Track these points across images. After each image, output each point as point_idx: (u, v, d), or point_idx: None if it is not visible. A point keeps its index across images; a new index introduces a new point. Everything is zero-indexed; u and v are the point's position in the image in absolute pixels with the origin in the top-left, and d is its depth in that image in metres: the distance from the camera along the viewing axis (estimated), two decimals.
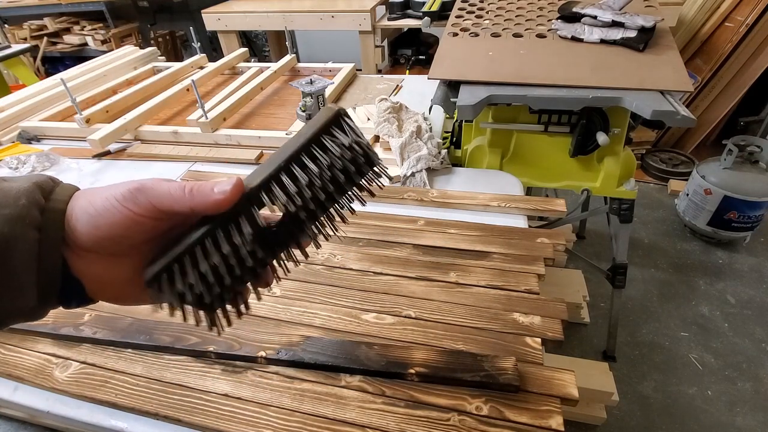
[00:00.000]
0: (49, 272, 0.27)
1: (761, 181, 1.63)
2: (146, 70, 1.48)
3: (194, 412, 0.47)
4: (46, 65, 3.24)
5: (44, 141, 1.13)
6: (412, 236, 0.71)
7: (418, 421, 0.45)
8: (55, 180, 0.29)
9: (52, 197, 0.28)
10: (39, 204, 0.27)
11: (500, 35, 1.02)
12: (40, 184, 0.28)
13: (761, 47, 1.94)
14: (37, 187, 0.27)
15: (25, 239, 0.25)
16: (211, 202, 0.28)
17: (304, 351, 0.52)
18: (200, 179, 0.89)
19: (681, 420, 1.25)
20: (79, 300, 0.30)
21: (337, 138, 0.30)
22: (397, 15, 2.26)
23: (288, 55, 1.43)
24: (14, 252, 0.25)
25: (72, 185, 0.30)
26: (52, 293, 0.28)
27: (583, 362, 1.24)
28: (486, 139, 0.96)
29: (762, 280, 1.67)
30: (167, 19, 3.14)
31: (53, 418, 0.52)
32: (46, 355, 0.55)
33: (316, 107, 0.92)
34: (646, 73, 0.83)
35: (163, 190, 0.28)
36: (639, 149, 2.30)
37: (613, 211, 1.13)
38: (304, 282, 0.64)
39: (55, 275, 0.27)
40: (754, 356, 1.41)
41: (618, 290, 1.30)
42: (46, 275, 0.27)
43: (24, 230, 0.25)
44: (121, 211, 0.27)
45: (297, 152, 0.29)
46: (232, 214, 0.28)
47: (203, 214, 0.29)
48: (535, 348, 0.52)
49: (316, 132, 0.29)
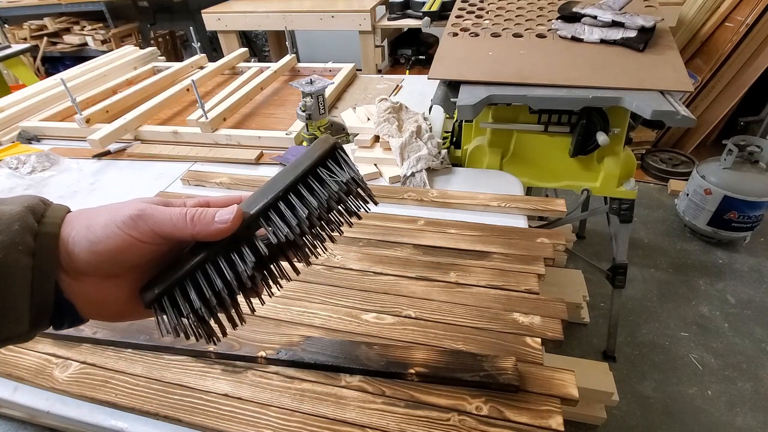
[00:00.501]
0: (42, 298, 0.27)
1: (761, 181, 1.63)
2: (146, 70, 1.48)
3: (194, 412, 0.47)
4: (46, 65, 3.25)
5: (44, 141, 1.14)
6: (412, 236, 0.71)
7: (418, 421, 0.45)
8: (45, 201, 0.29)
9: (44, 220, 0.27)
10: (32, 229, 0.26)
11: (500, 35, 1.02)
12: (31, 207, 0.27)
13: (761, 47, 1.94)
14: (29, 211, 0.27)
15: (18, 266, 0.25)
16: (213, 231, 0.29)
17: (304, 351, 0.52)
18: (200, 179, 0.90)
19: (681, 420, 1.25)
20: (71, 321, 0.30)
21: (332, 170, 0.32)
22: (397, 15, 2.26)
23: (288, 55, 1.43)
24: (8, 279, 0.25)
25: (63, 206, 0.30)
26: (44, 317, 0.28)
27: (583, 362, 1.24)
28: (486, 139, 0.96)
29: (762, 280, 1.67)
30: (167, 19, 3.14)
31: (53, 418, 0.52)
32: (46, 355, 0.55)
33: (316, 107, 0.93)
34: (646, 73, 0.83)
35: (164, 217, 0.29)
36: (639, 149, 2.30)
37: (613, 211, 1.13)
38: (304, 282, 0.64)
39: (49, 300, 0.27)
40: (754, 356, 1.41)
41: (618, 290, 1.30)
42: (39, 301, 0.27)
43: (17, 257, 0.25)
44: (122, 237, 0.28)
45: (294, 182, 0.31)
46: (232, 240, 0.30)
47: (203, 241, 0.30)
48: (535, 348, 0.52)
49: (312, 164, 0.31)
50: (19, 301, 0.26)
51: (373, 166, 0.91)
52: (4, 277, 0.25)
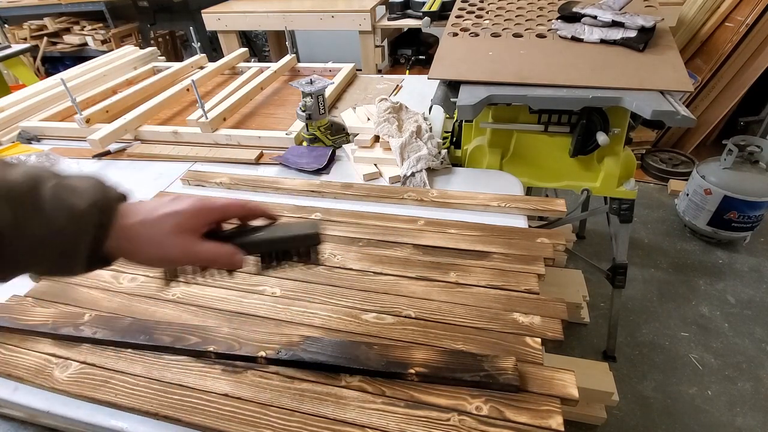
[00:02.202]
0: (94, 257, 0.35)
1: (761, 181, 1.63)
2: (146, 70, 1.48)
3: (194, 412, 0.47)
4: (46, 65, 3.25)
5: (44, 141, 1.14)
6: (412, 236, 0.71)
7: (418, 421, 0.45)
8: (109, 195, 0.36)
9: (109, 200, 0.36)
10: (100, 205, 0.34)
11: (500, 35, 1.02)
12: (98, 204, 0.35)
13: (761, 47, 1.94)
14: (102, 188, 0.35)
15: (82, 249, 0.34)
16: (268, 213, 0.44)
17: (304, 351, 0.51)
18: (200, 179, 0.90)
19: (681, 420, 1.25)
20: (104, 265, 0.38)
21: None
22: (397, 15, 2.26)
23: (288, 55, 1.43)
24: (79, 244, 0.33)
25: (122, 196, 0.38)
26: (91, 267, 0.36)
27: (583, 362, 1.24)
28: (486, 139, 0.96)
29: (762, 280, 1.67)
30: (167, 19, 3.14)
31: (53, 418, 0.52)
32: (46, 355, 0.55)
33: (316, 107, 0.93)
34: (646, 73, 0.83)
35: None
36: (639, 149, 2.30)
37: (613, 211, 1.13)
38: (304, 282, 0.64)
39: (100, 257, 0.36)
40: (754, 356, 1.41)
41: (618, 290, 1.30)
42: (91, 259, 0.35)
43: (83, 240, 0.34)
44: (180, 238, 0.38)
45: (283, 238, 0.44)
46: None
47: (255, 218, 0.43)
48: (535, 348, 0.52)
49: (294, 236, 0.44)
50: (79, 259, 0.34)
51: (373, 166, 0.91)
52: (78, 243, 0.33)
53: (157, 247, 0.37)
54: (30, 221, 0.32)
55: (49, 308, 0.61)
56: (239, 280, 0.64)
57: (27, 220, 0.31)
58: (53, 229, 0.32)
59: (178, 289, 0.63)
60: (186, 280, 0.42)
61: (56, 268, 0.35)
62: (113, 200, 0.36)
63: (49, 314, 0.59)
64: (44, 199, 0.32)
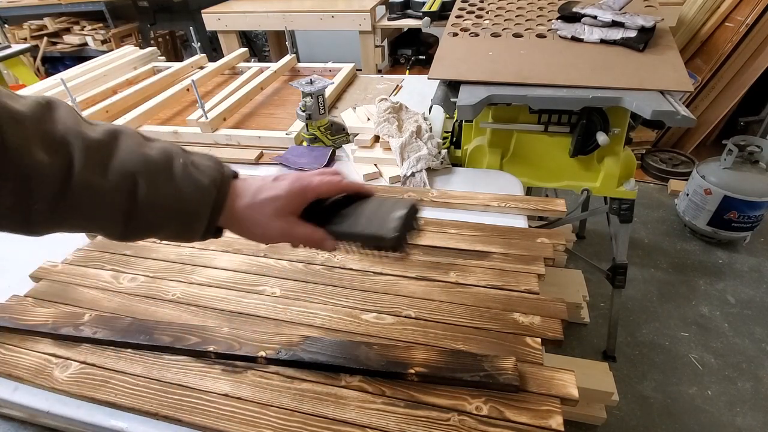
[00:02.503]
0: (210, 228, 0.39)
1: (761, 181, 1.63)
2: (146, 70, 1.48)
3: (194, 412, 0.47)
4: (46, 65, 3.24)
5: None
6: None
7: (418, 421, 0.45)
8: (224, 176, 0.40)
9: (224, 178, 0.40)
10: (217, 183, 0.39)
11: (500, 35, 1.02)
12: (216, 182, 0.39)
13: (761, 47, 1.94)
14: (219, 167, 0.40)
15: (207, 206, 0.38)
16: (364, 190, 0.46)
17: (304, 351, 0.51)
18: None
19: (681, 420, 1.25)
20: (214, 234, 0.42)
21: None
22: (397, 15, 2.26)
23: (288, 55, 1.43)
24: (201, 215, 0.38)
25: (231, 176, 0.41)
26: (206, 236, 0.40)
27: (583, 362, 1.24)
28: (486, 139, 0.96)
29: (762, 280, 1.67)
30: (167, 19, 3.14)
31: (53, 418, 0.52)
32: (46, 355, 0.55)
33: (316, 107, 0.93)
34: (646, 73, 0.83)
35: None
36: (639, 149, 2.30)
37: (613, 211, 1.13)
38: (304, 282, 0.64)
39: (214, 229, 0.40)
40: (754, 356, 1.41)
41: (618, 290, 1.30)
42: (208, 229, 0.39)
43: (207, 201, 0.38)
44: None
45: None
46: None
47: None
48: (535, 348, 0.52)
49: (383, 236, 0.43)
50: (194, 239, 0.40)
51: (373, 166, 0.91)
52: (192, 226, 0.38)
53: (261, 228, 0.41)
54: (163, 193, 0.36)
55: (49, 308, 0.61)
56: (239, 280, 0.64)
57: (161, 192, 0.36)
58: (181, 201, 0.37)
59: (178, 289, 0.64)
60: None
61: (178, 236, 0.39)
62: (228, 178, 0.40)
63: (49, 314, 0.59)
64: (176, 174, 0.37)
